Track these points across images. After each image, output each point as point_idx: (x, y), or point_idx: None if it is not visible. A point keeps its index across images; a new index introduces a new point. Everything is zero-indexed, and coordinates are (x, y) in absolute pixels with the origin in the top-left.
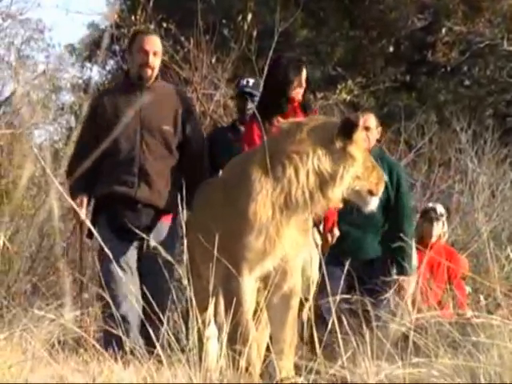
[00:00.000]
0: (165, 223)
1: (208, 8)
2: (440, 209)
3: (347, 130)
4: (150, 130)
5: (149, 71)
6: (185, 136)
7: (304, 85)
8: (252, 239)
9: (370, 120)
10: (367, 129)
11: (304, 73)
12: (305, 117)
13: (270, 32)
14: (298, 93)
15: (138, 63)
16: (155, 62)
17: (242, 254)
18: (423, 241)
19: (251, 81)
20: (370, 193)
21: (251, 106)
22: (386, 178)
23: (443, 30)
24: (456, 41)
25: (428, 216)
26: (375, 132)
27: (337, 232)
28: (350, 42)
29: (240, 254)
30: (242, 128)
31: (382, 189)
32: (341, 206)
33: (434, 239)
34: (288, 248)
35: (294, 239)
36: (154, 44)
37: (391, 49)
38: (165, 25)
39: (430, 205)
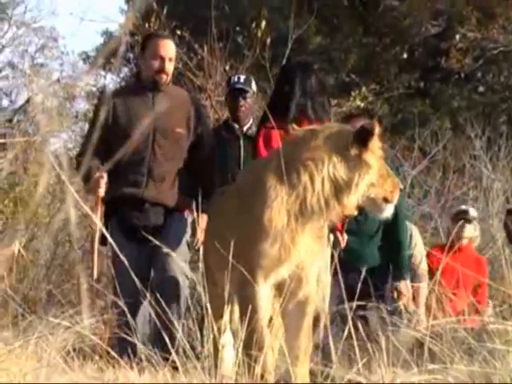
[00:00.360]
0: (173, 221)
1: (221, 15)
2: (472, 212)
3: (362, 137)
4: (163, 132)
5: (164, 77)
6: (197, 139)
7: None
8: (267, 246)
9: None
10: None
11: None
12: (314, 123)
13: (284, 39)
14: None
15: (154, 69)
16: (170, 67)
17: (257, 261)
18: (453, 244)
19: (242, 77)
20: (385, 200)
21: (243, 103)
22: (401, 185)
23: (457, 37)
24: (470, 47)
25: (460, 218)
26: None
27: (345, 235)
28: (363, 48)
29: (255, 261)
30: (236, 125)
31: (397, 196)
32: (356, 213)
33: (465, 241)
34: (303, 255)
35: (309, 246)
36: (170, 50)
37: (405, 55)
38: (178, 32)
39: (463, 207)
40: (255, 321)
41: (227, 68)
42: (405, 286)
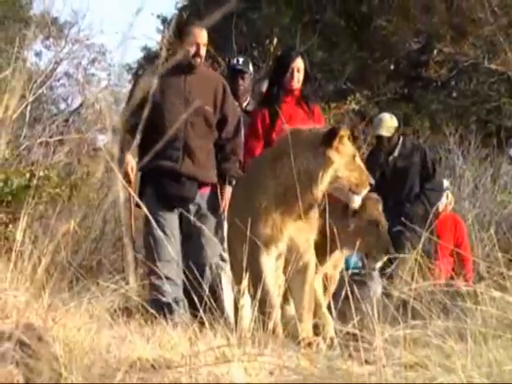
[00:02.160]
0: (206, 193)
1: (240, 34)
2: (445, 182)
3: (329, 138)
4: (193, 109)
5: (198, 60)
6: (222, 117)
7: (299, 73)
8: (262, 227)
9: None
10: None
11: (297, 62)
12: (307, 108)
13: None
14: (293, 81)
15: (192, 54)
16: (203, 51)
17: (258, 238)
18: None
19: (241, 59)
20: (352, 191)
21: (242, 83)
22: (371, 180)
23: (435, 51)
24: (445, 60)
25: None
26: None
27: None
28: (357, 61)
29: (256, 239)
30: (236, 103)
31: (363, 189)
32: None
33: (440, 208)
34: (294, 232)
35: (298, 225)
36: (204, 36)
37: (392, 67)
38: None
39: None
40: (263, 285)
41: None
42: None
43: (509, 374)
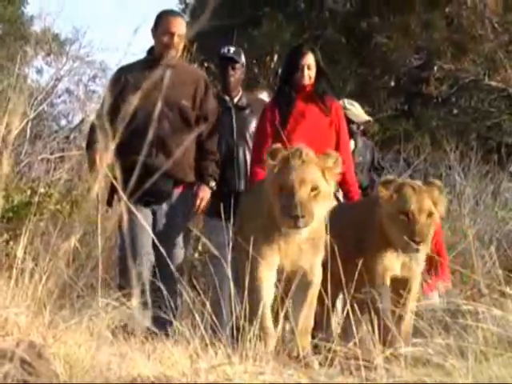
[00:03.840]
0: (179, 192)
1: (242, 50)
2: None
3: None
4: (169, 105)
5: (173, 52)
6: (203, 113)
7: (309, 70)
8: (263, 247)
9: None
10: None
11: (308, 58)
12: (323, 105)
13: None
14: (303, 78)
15: (163, 44)
16: (179, 43)
17: (260, 256)
18: None
19: (232, 48)
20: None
21: (232, 73)
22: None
23: (435, 68)
24: (446, 77)
25: None
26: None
27: None
28: (358, 77)
29: (258, 256)
30: (227, 97)
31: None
32: None
33: None
34: (296, 253)
35: (302, 246)
36: (179, 27)
37: (392, 83)
38: (206, 64)
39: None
40: (256, 298)
41: None
42: None
43: None
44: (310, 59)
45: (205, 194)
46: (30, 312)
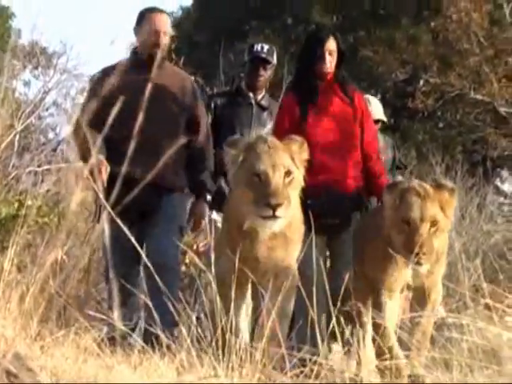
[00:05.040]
0: (170, 201)
1: (228, 64)
2: None
3: None
4: (157, 108)
5: (158, 51)
6: (192, 119)
7: (331, 56)
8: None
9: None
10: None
11: (329, 43)
12: (345, 94)
13: (280, 83)
14: (325, 66)
15: (149, 44)
16: (164, 41)
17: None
18: None
19: (266, 46)
20: None
21: (263, 73)
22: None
23: (421, 82)
24: (431, 90)
25: None
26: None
27: None
28: None
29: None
30: (251, 94)
31: None
32: None
33: None
34: (266, 253)
35: (272, 244)
36: (164, 24)
37: (379, 97)
38: (193, 77)
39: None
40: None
41: None
42: None
43: None
44: (331, 44)
45: (203, 211)
46: (16, 324)
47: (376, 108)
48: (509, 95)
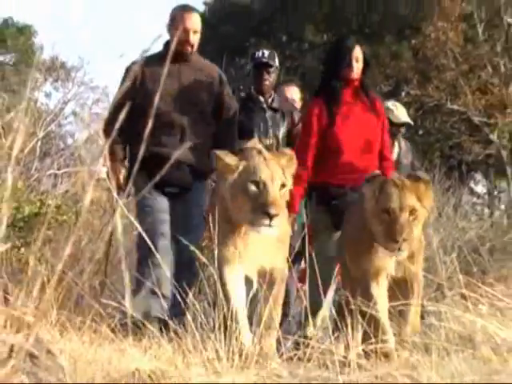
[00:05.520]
0: (200, 182)
1: (230, 78)
2: None
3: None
4: (187, 98)
5: (188, 48)
6: (219, 104)
7: (357, 63)
8: (223, 248)
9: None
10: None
11: (356, 50)
12: (368, 99)
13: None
14: (352, 72)
15: (180, 40)
16: (195, 39)
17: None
18: None
19: (266, 52)
20: None
21: (267, 77)
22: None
23: (403, 94)
24: (412, 101)
25: None
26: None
27: None
28: None
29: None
30: (261, 98)
31: None
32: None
33: None
34: (256, 249)
35: (261, 241)
36: (195, 22)
37: None
38: None
39: None
40: (226, 297)
41: None
42: None
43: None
44: (358, 52)
45: None
46: (38, 311)
47: (402, 112)
48: (481, 106)
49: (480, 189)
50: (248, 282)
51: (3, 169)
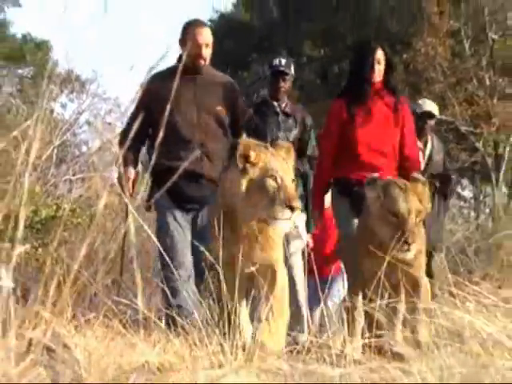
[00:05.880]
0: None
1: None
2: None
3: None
4: (205, 111)
5: (202, 62)
6: (234, 116)
7: (379, 65)
8: (224, 250)
9: None
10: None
11: (378, 53)
12: (393, 100)
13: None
14: (374, 74)
15: (192, 54)
16: (207, 52)
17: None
18: None
19: (283, 60)
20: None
21: (283, 84)
22: None
23: None
24: None
25: None
26: None
27: None
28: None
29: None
30: (275, 103)
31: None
32: None
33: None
34: (255, 251)
35: (258, 244)
36: (207, 37)
37: None
38: None
39: None
40: (228, 288)
41: None
42: None
43: (457, 376)
44: (380, 54)
45: None
46: (54, 308)
47: (428, 104)
48: (468, 116)
49: (467, 193)
50: (249, 279)
51: (21, 174)
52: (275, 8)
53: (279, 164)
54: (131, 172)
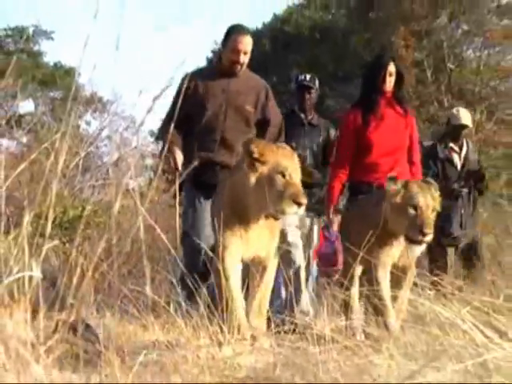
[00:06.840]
0: None
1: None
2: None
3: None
4: (234, 108)
5: (238, 67)
6: (265, 117)
7: (391, 77)
8: (226, 236)
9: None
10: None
11: (390, 66)
12: (401, 109)
13: None
14: (386, 85)
15: (231, 60)
16: (245, 59)
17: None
18: None
19: (308, 76)
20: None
21: (308, 97)
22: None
23: None
24: None
25: None
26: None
27: None
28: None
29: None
30: (302, 115)
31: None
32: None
33: None
34: (255, 239)
35: (260, 232)
36: (246, 44)
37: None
38: None
39: None
40: (224, 282)
41: None
42: None
43: (419, 352)
44: (391, 67)
45: None
46: (78, 293)
47: (463, 115)
48: (430, 133)
49: None
50: (244, 267)
51: (50, 180)
52: (268, 42)
53: (288, 162)
54: (179, 153)
